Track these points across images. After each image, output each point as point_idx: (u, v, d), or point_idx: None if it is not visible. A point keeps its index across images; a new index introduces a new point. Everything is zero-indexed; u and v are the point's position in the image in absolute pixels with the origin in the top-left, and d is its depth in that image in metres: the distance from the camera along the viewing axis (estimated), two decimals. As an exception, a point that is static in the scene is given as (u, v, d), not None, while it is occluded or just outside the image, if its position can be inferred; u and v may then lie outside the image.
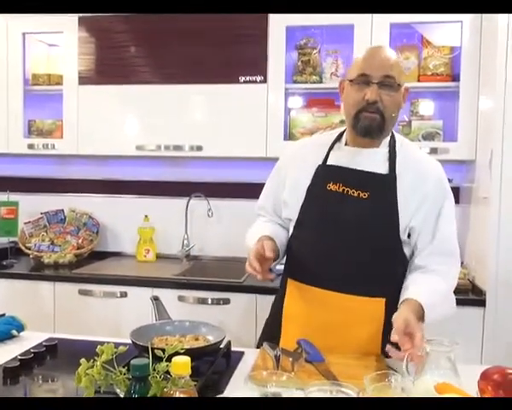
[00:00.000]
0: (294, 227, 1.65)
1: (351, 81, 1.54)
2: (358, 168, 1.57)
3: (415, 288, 1.49)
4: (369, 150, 1.58)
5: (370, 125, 1.52)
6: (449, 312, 1.59)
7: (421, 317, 1.44)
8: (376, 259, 1.55)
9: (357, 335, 1.55)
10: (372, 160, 1.57)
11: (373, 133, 1.54)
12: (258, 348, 1.63)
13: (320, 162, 1.63)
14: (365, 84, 1.50)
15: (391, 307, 1.52)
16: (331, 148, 1.64)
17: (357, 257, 1.55)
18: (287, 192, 1.67)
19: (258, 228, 1.73)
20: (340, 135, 1.66)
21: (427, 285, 1.51)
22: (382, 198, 1.54)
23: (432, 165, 1.62)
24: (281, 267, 1.73)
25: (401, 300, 1.48)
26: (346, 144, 1.63)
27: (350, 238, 1.55)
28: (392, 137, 1.61)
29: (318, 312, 1.57)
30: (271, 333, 1.67)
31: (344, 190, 1.56)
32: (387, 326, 1.50)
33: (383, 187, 1.55)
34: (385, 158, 1.57)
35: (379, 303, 1.55)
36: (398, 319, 1.37)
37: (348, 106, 1.57)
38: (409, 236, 1.56)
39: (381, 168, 1.56)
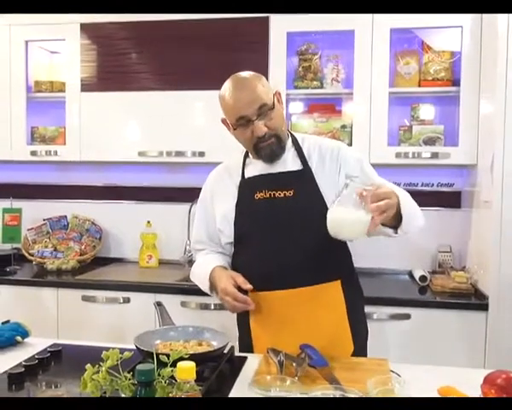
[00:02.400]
0: (235, 245, 1.72)
1: (233, 126, 1.62)
2: (276, 171, 1.66)
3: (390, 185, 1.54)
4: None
5: (272, 151, 1.63)
6: (421, 223, 1.62)
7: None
8: (319, 246, 1.61)
9: (325, 322, 1.61)
10: (284, 162, 1.67)
11: (278, 156, 1.65)
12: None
13: (239, 179, 1.71)
14: (247, 123, 1.59)
15: (347, 285, 1.65)
16: (244, 165, 1.73)
17: (301, 251, 1.61)
18: (219, 221, 1.73)
19: (205, 260, 1.76)
20: (247, 152, 1.75)
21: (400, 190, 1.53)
22: (306, 191, 1.64)
23: (330, 142, 1.75)
24: None
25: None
26: (254, 157, 1.72)
27: (288, 236, 1.62)
28: (292, 136, 1.74)
29: (284, 313, 1.61)
30: (245, 351, 1.68)
31: (271, 194, 1.65)
32: (350, 305, 1.63)
33: (303, 181, 1.65)
34: (294, 156, 1.69)
35: (336, 285, 1.63)
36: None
37: (243, 144, 1.68)
38: None
39: (295, 166, 1.68)
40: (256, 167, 1.70)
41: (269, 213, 1.64)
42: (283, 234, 1.62)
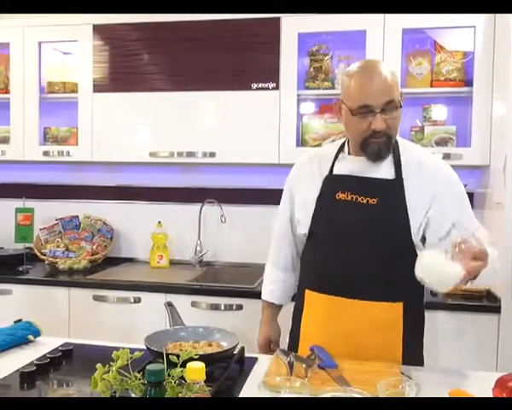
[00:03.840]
0: (307, 239, 1.68)
1: (352, 111, 1.52)
2: (365, 176, 1.58)
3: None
4: None
5: (380, 149, 1.53)
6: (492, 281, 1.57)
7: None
8: (390, 263, 1.55)
9: (376, 341, 1.54)
10: (378, 166, 1.57)
11: (383, 156, 1.55)
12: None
13: (326, 173, 1.65)
14: (368, 113, 1.49)
15: (409, 311, 1.54)
16: (335, 158, 1.66)
17: (371, 263, 1.55)
18: (297, 210, 1.71)
19: (270, 284, 1.85)
20: (342, 145, 1.68)
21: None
22: (391, 203, 1.55)
23: (436, 163, 1.63)
24: None
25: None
26: (349, 153, 1.65)
27: (362, 244, 1.56)
28: (395, 141, 1.61)
29: (336, 320, 1.57)
30: (294, 345, 1.68)
31: (353, 197, 1.57)
32: (407, 331, 1.53)
33: (391, 192, 1.56)
34: (390, 163, 1.58)
35: (397, 307, 1.55)
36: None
37: (353, 133, 1.58)
38: (423, 238, 1.55)
39: (388, 174, 1.58)
40: (347, 165, 1.62)
41: (347, 217, 1.57)
42: (357, 242, 1.56)
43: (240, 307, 2.50)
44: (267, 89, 2.71)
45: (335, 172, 1.64)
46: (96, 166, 3.19)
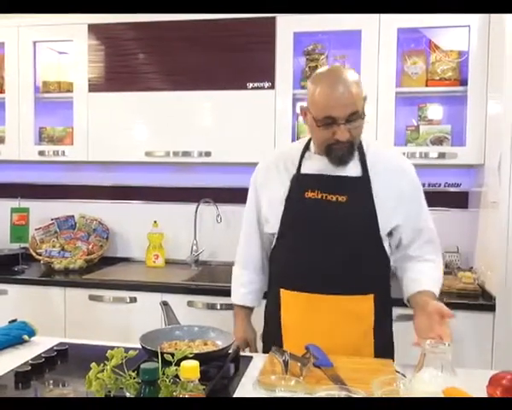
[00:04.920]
0: (277, 239, 1.70)
1: (316, 121, 1.55)
2: (334, 174, 1.62)
3: (426, 279, 1.62)
4: None
5: (343, 155, 1.57)
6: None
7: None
8: (360, 258, 1.61)
9: (351, 333, 1.61)
10: (344, 165, 1.61)
11: (346, 161, 1.59)
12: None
13: (294, 172, 1.67)
14: (332, 124, 1.52)
15: (379, 302, 1.62)
16: (302, 157, 1.68)
17: (343, 259, 1.60)
18: (265, 210, 1.72)
19: (242, 287, 1.85)
20: (308, 144, 1.70)
21: (432, 275, 1.64)
22: (360, 199, 1.60)
23: (401, 161, 1.72)
24: None
25: (414, 290, 1.60)
26: (315, 152, 1.67)
27: (333, 241, 1.61)
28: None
29: (314, 316, 1.61)
30: (274, 343, 1.68)
31: (322, 196, 1.61)
32: (378, 321, 1.62)
33: (359, 189, 1.61)
34: (356, 161, 1.63)
35: (368, 300, 1.62)
36: (432, 306, 1.46)
37: (317, 140, 1.61)
38: (390, 233, 1.64)
39: (354, 172, 1.62)
40: (314, 164, 1.65)
41: (317, 215, 1.61)
42: (328, 239, 1.61)
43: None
44: (263, 88, 2.72)
45: (303, 171, 1.67)
46: (92, 165, 3.19)
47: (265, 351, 1.73)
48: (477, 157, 2.53)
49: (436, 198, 2.84)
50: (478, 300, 2.37)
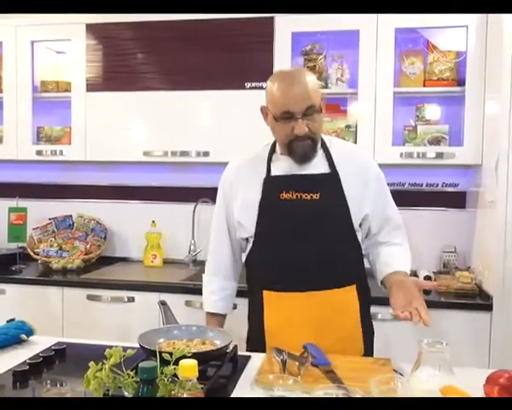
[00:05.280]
0: (254, 242, 1.70)
1: (275, 118, 1.60)
2: (303, 173, 1.65)
3: (397, 261, 1.69)
4: None
5: (305, 152, 1.62)
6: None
7: None
8: (338, 251, 1.66)
9: (339, 326, 1.63)
10: (312, 163, 1.66)
11: (309, 158, 1.64)
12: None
13: (264, 175, 1.69)
14: (290, 119, 1.58)
15: (361, 291, 1.69)
16: (269, 160, 1.71)
17: (322, 254, 1.64)
18: (238, 214, 1.72)
19: (212, 295, 1.85)
20: (273, 146, 1.73)
21: (402, 257, 1.72)
22: (332, 195, 1.65)
23: (363, 154, 1.82)
24: None
25: (387, 271, 1.66)
26: (281, 154, 1.70)
27: (311, 239, 1.63)
28: (321, 139, 1.71)
29: (300, 314, 1.63)
30: (257, 346, 1.69)
31: (297, 195, 1.64)
32: (362, 310, 1.67)
33: (330, 185, 1.66)
34: (322, 158, 1.69)
35: (352, 290, 1.67)
36: (410, 281, 1.55)
37: (279, 138, 1.66)
38: (360, 224, 1.70)
39: (323, 168, 1.67)
40: (283, 165, 1.69)
41: (294, 214, 1.64)
42: (306, 237, 1.63)
43: (234, 307, 2.49)
44: (261, 88, 2.70)
45: (273, 172, 1.69)
46: (90, 165, 3.19)
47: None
48: (475, 157, 2.54)
49: (434, 198, 2.86)
50: (475, 299, 2.37)
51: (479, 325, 2.29)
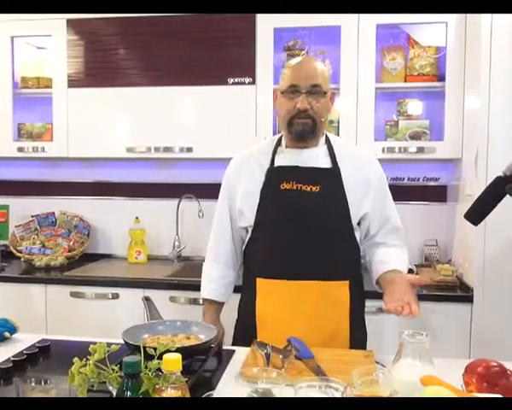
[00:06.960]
0: (253, 230, 1.75)
1: (282, 92, 1.68)
2: (306, 166, 1.70)
3: (393, 260, 1.72)
4: (311, 149, 1.73)
5: (303, 130, 1.67)
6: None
7: None
8: (335, 244, 1.69)
9: (327, 318, 1.67)
10: (315, 157, 1.72)
11: (306, 136, 1.69)
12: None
13: (267, 167, 1.74)
14: (295, 94, 1.65)
15: (354, 289, 1.70)
16: (274, 152, 1.76)
17: (318, 246, 1.67)
18: (240, 203, 1.76)
19: (213, 285, 1.86)
20: (279, 140, 1.78)
21: (398, 257, 1.75)
22: (332, 189, 1.69)
23: (366, 153, 1.85)
24: None
25: (383, 270, 1.69)
26: (286, 147, 1.76)
27: (309, 230, 1.67)
28: (326, 136, 1.78)
29: (291, 302, 1.66)
30: (245, 334, 1.72)
31: (297, 187, 1.69)
32: (352, 307, 1.69)
33: (331, 179, 1.70)
34: (325, 154, 1.74)
35: (344, 285, 1.70)
36: (401, 278, 1.61)
37: (282, 114, 1.72)
38: (358, 223, 1.73)
39: (325, 163, 1.72)
40: (287, 157, 1.74)
41: (294, 205, 1.68)
42: (304, 228, 1.67)
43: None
44: (243, 83, 2.72)
45: (277, 164, 1.74)
46: (72, 162, 3.17)
47: (235, 343, 1.76)
48: (455, 151, 2.58)
49: (415, 192, 2.89)
50: (456, 291, 2.41)
51: (460, 316, 2.33)
